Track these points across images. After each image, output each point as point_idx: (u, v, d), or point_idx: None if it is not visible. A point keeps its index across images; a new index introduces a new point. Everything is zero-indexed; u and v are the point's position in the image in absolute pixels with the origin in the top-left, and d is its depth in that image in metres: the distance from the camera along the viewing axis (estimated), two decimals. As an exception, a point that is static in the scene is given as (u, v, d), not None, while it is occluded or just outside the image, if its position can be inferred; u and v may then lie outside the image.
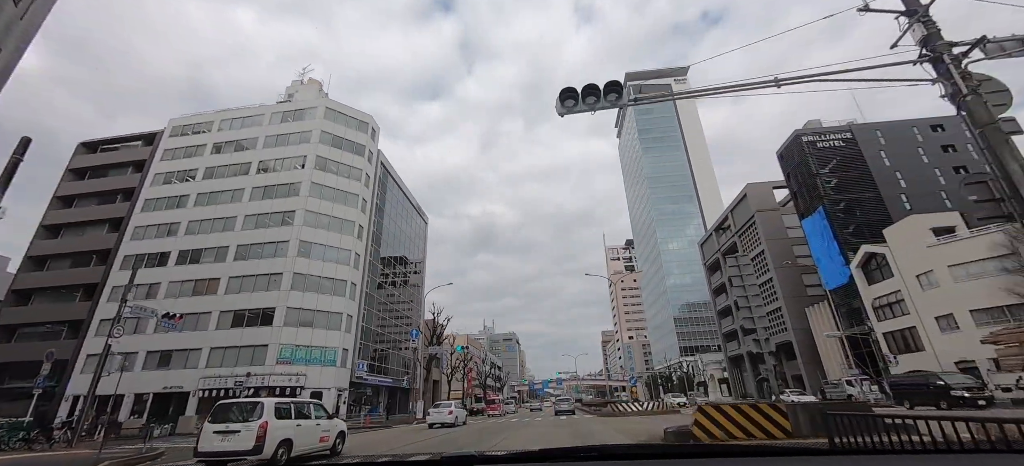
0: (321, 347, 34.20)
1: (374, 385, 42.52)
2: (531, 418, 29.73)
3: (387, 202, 50.00)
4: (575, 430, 17.44)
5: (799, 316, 51.42)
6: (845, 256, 42.55)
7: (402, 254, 53.03)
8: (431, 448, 13.24)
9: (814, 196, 46.75)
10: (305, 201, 37.87)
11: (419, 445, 15.09)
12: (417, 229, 60.04)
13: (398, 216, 52.86)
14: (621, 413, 24.00)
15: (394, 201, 52.02)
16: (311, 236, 36.99)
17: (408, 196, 57.21)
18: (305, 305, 34.66)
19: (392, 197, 51.63)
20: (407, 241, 55.23)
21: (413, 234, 58.09)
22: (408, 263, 55.05)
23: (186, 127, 44.83)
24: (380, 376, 43.16)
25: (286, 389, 31.68)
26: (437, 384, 64.01)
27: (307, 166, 39.60)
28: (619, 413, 24.35)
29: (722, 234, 70.84)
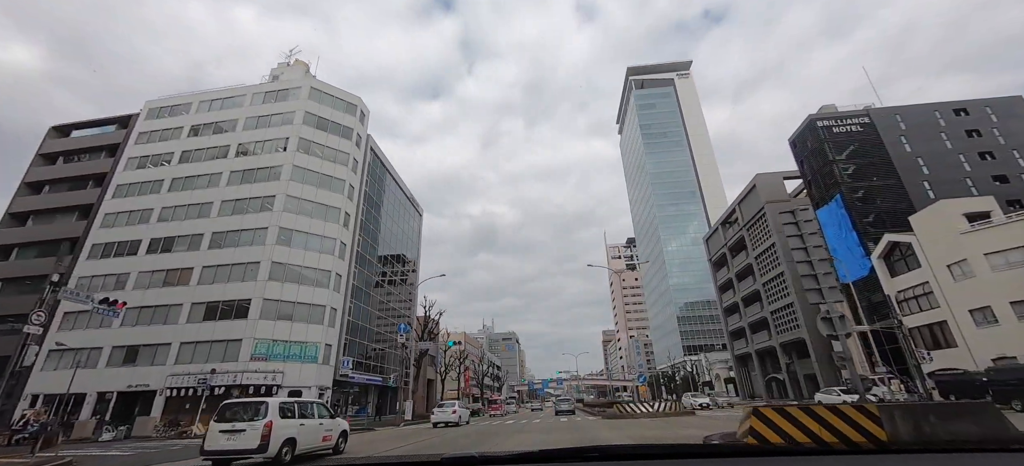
0: (301, 342, 31.50)
1: (362, 384, 39.85)
2: (528, 421, 27.06)
3: (377, 191, 47.32)
4: (581, 437, 15.03)
5: (812, 313, 48.59)
6: (865, 247, 39.88)
7: (394, 246, 50.35)
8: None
9: (830, 184, 44.08)
10: (286, 186, 35.19)
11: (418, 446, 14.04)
12: (411, 221, 57.36)
13: (390, 206, 50.19)
14: (629, 415, 21.34)
15: (385, 190, 49.33)
16: (292, 223, 34.31)
17: (401, 186, 54.52)
18: (284, 297, 31.97)
19: (383, 186, 48.93)
20: (400, 233, 52.56)
21: (406, 226, 55.41)
22: (401, 256, 52.35)
23: (163, 109, 42.17)
24: (369, 374, 40.49)
25: (261, 388, 29.01)
26: (432, 383, 61.33)
27: (289, 149, 36.93)
28: (626, 415, 21.68)
29: (728, 228, 68.18)
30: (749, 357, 64.02)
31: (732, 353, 68.52)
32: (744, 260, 61.99)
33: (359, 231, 41.11)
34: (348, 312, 37.63)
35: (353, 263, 39.01)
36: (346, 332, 37.14)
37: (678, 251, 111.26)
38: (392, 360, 43.94)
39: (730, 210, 65.36)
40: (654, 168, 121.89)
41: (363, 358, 40.37)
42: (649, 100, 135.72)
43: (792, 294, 50.35)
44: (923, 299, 33.86)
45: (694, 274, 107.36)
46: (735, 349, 67.29)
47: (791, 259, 51.43)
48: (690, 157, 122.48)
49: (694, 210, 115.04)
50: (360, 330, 39.94)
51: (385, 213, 48.48)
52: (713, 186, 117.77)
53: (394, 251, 50.62)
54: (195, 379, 28.37)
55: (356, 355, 38.68)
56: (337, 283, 35.35)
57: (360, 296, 40.61)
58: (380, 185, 47.90)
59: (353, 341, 38.23)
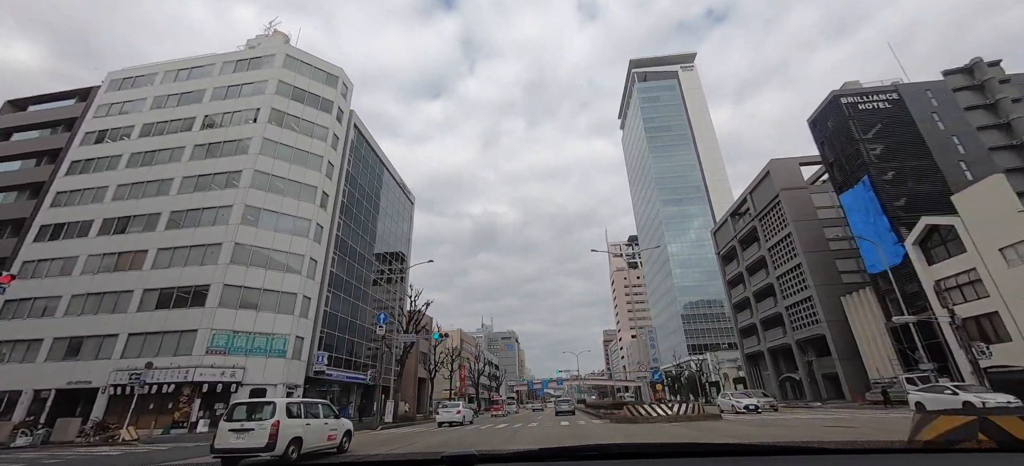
0: (266, 334, 27.81)
1: (343, 382, 36.14)
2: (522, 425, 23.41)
3: (363, 174, 43.59)
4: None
5: (833, 307, 44.91)
6: (897, 233, 36.16)
7: (381, 234, 46.61)
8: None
9: (855, 166, 40.33)
10: (255, 160, 31.50)
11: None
12: (401, 209, 53.64)
13: (376, 190, 46.45)
14: (643, 418, 17.62)
15: (371, 173, 45.63)
16: (260, 201, 30.62)
17: (390, 169, 50.80)
18: (249, 282, 28.28)
19: (369, 168, 45.22)
20: (388, 220, 48.84)
21: (396, 214, 51.69)
22: (389, 244, 48.56)
23: (125, 80, 38.49)
24: (352, 372, 36.76)
25: (217, 385, 25.31)
26: (423, 382, 57.60)
27: (260, 120, 33.24)
28: (639, 418, 17.95)
29: (738, 220, 64.51)
30: (761, 355, 60.31)
31: (742, 351, 64.74)
32: (756, 253, 58.27)
33: (340, 214, 37.42)
34: (326, 302, 33.93)
35: (332, 248, 35.33)
36: (323, 324, 33.46)
37: (682, 247, 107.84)
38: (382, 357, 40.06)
39: (741, 199, 61.63)
40: (657, 162, 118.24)
41: (347, 354, 36.68)
42: (652, 93, 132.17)
43: (810, 287, 46.64)
44: (968, 288, 30.16)
45: (699, 271, 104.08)
46: (745, 347, 63.52)
47: (810, 249, 47.86)
48: (694, 151, 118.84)
49: (699, 205, 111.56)
50: (341, 323, 36.23)
51: (371, 197, 44.75)
52: (718, 181, 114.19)
53: (381, 239, 46.89)
54: (127, 375, 24.66)
55: (336, 350, 34.98)
56: (312, 269, 31.65)
57: (340, 285, 36.91)
58: (366, 167, 44.18)
59: (331, 334, 34.53)
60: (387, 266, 47.54)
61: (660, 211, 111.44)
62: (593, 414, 26.98)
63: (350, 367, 37.04)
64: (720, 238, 70.18)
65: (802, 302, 48.77)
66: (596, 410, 28.80)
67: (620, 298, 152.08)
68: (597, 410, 28.48)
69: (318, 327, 32.11)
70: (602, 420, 21.84)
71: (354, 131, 41.41)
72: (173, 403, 24.79)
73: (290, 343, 28.53)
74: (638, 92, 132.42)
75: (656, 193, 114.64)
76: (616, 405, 27.90)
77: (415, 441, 16.48)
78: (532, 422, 24.92)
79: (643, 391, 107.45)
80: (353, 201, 40.28)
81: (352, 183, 40.49)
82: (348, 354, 37.20)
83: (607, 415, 22.56)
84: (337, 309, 35.92)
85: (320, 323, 32.58)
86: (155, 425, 24.46)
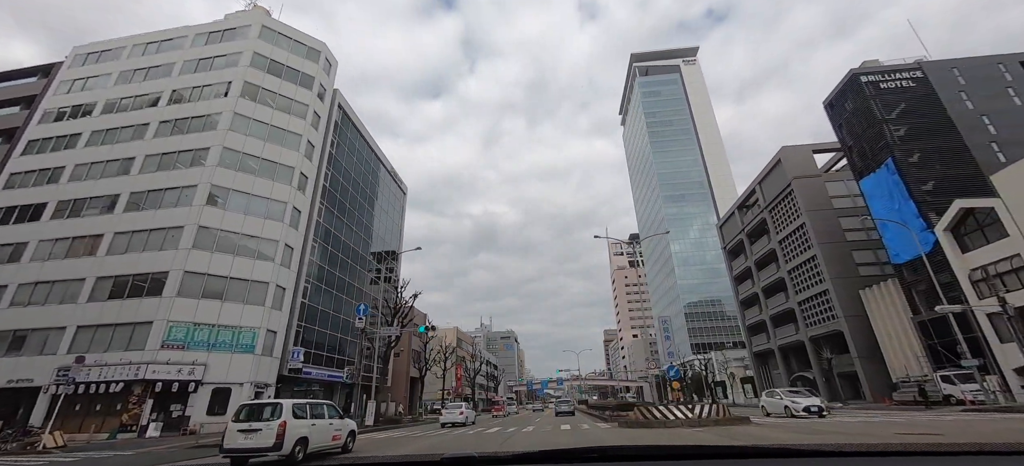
0: (232, 327, 24.94)
1: (325, 381, 33.26)
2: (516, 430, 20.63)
3: (350, 158, 40.74)
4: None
5: (850, 301, 42.05)
6: (926, 219, 33.33)
7: (369, 223, 43.74)
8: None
9: (878, 149, 37.51)
10: (224, 136, 28.64)
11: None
12: (392, 198, 50.79)
13: (365, 176, 43.58)
14: (658, 421, 14.74)
15: (359, 157, 42.78)
16: (229, 180, 27.77)
17: (380, 156, 47.95)
18: (213, 270, 25.42)
19: (356, 152, 42.36)
20: (377, 210, 45.99)
21: (387, 204, 48.85)
22: (377, 234, 45.64)
23: (91, 55, 35.65)
24: (334, 370, 33.89)
25: (173, 384, 22.43)
26: (415, 381, 54.72)
27: (231, 94, 30.40)
28: (652, 421, 15.07)
29: (746, 212, 61.68)
30: (770, 354, 57.47)
31: (750, 350, 61.87)
32: (766, 246, 55.42)
33: (323, 199, 34.58)
34: (304, 294, 31.07)
35: (312, 235, 32.49)
36: (301, 318, 30.60)
37: (685, 245, 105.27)
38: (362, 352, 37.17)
39: (749, 190, 58.77)
40: (659, 158, 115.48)
41: (328, 351, 33.80)
42: (654, 88, 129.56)
43: (826, 280, 43.79)
44: (1010, 277, 27.31)
45: (701, 269, 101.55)
46: (754, 345, 60.64)
47: (825, 240, 45.03)
48: (697, 145, 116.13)
49: (702, 201, 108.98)
50: (322, 317, 33.36)
51: (358, 184, 41.88)
52: (722, 175, 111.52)
53: (368, 229, 44.02)
54: (91, 371, 21.79)
55: (316, 346, 32.10)
56: (287, 256, 28.80)
57: (322, 276, 34.05)
58: (352, 151, 41.33)
59: (310, 329, 31.66)
60: (373, 256, 44.64)
61: (662, 209, 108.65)
62: (597, 416, 24.01)
63: (333, 365, 34.15)
64: (726, 232, 67.38)
65: (816, 297, 45.94)
66: (600, 411, 25.80)
67: (621, 297, 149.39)
68: (601, 411, 25.51)
69: (294, 320, 29.24)
70: (608, 423, 18.98)
71: (339, 112, 38.59)
72: (122, 404, 21.91)
73: (260, 337, 25.65)
74: (639, 86, 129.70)
75: (658, 189, 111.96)
76: (623, 406, 24.94)
77: (381, 448, 13.69)
78: (528, 426, 22.07)
79: (645, 391, 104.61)
80: (337, 186, 37.42)
81: (336, 167, 37.65)
82: (330, 351, 34.33)
83: (614, 417, 19.65)
84: (318, 302, 33.07)
85: (297, 316, 29.71)
86: (102, 428, 21.59)
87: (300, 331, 30.16)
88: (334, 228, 36.70)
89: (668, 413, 15.11)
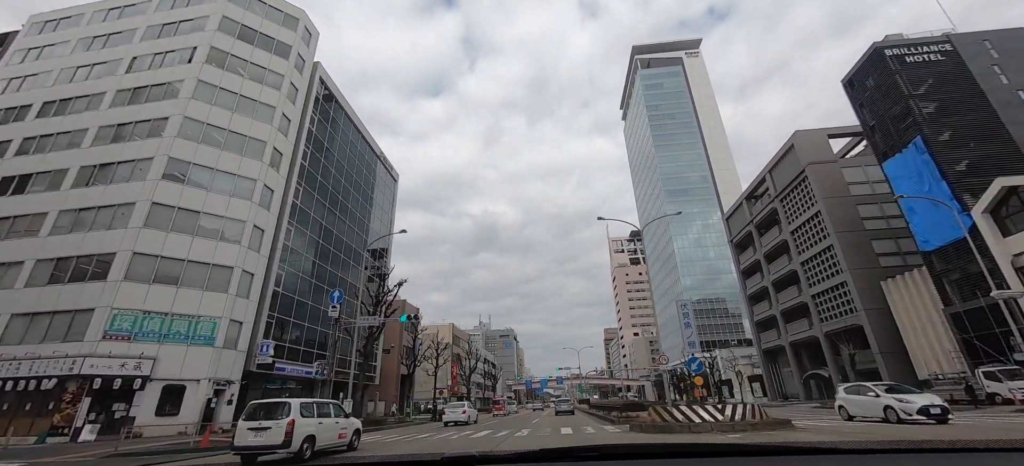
0: (189, 316, 22.06)
1: (301, 378, 30.35)
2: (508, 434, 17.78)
3: (334, 140, 37.81)
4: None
5: (871, 293, 39.22)
6: (960, 201, 30.46)
7: (356, 210, 40.84)
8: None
9: (904, 127, 34.64)
10: (186, 105, 25.72)
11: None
12: (382, 187, 47.86)
13: (351, 159, 40.65)
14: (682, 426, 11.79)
15: (344, 138, 39.83)
16: (190, 153, 24.86)
17: (368, 139, 45.01)
18: (168, 252, 22.53)
19: (341, 132, 39.42)
20: (364, 195, 43.05)
21: (375, 191, 45.91)
22: (363, 222, 42.69)
23: (49, 23, 32.69)
24: (313, 366, 30.98)
25: (115, 380, 19.51)
26: (406, 379, 51.85)
27: (196, 59, 27.48)
28: (675, 425, 12.13)
29: (755, 202, 58.87)
30: (780, 350, 54.70)
31: (759, 347, 59.01)
32: (776, 237, 52.57)
33: (301, 180, 31.68)
34: (278, 281, 28.18)
35: (288, 218, 29.58)
36: (275, 308, 27.71)
37: (687, 242, 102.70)
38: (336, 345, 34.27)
39: (759, 179, 55.87)
40: (662, 151, 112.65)
41: (306, 345, 30.92)
42: (656, 80, 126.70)
43: (844, 271, 40.95)
44: (1062, 262, 24.44)
45: (704, 264, 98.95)
46: (763, 342, 57.79)
47: (842, 229, 42.15)
48: (701, 139, 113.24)
49: (703, 199, 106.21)
50: (299, 308, 30.48)
51: (343, 166, 38.95)
52: (726, 170, 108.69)
53: (355, 216, 41.08)
54: (21, 366, 18.86)
55: (291, 340, 29.21)
56: (256, 239, 25.88)
57: (301, 263, 31.16)
58: (336, 131, 38.40)
59: (285, 320, 28.77)
60: (361, 244, 41.69)
61: (665, 203, 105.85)
62: (602, 417, 21.00)
63: (311, 360, 31.23)
64: (733, 224, 64.53)
65: (833, 290, 43.09)
66: (605, 412, 22.77)
67: (622, 295, 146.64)
68: (606, 412, 22.48)
69: (265, 310, 26.34)
70: (617, 425, 16.10)
71: (321, 88, 35.65)
72: (56, 403, 19.03)
73: (221, 328, 22.75)
74: (641, 79, 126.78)
75: (661, 183, 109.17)
76: (631, 405, 22.05)
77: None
78: (523, 430, 19.18)
79: (647, 390, 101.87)
80: (318, 167, 34.49)
81: (318, 147, 34.73)
82: (309, 345, 31.44)
83: (623, 419, 16.73)
84: (295, 291, 30.16)
85: (268, 306, 26.80)
86: (31, 430, 18.68)
87: (272, 323, 27.27)
88: (315, 213, 33.79)
89: (692, 415, 12.22)
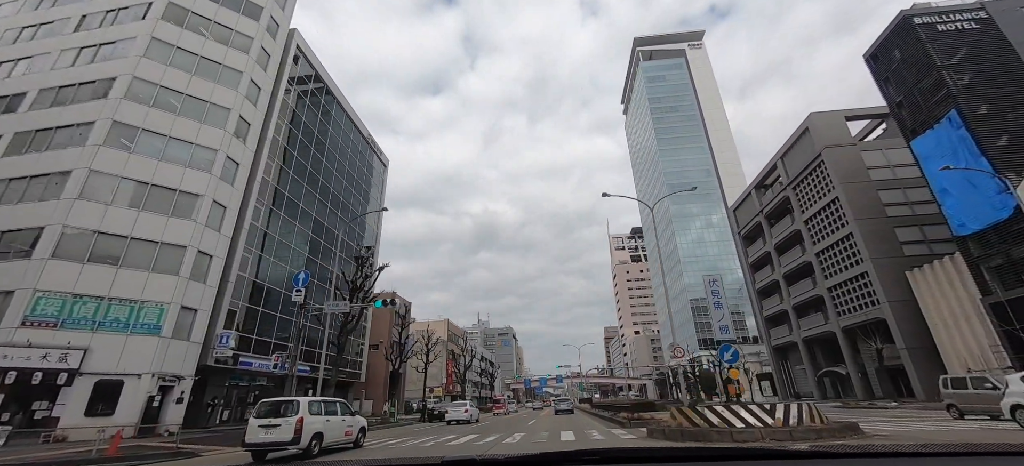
0: (131, 300, 19.12)
1: (272, 375, 27.35)
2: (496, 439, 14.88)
3: (313, 115, 34.81)
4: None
5: (894, 284, 36.30)
6: (1004, 179, 27.51)
7: (338, 194, 37.83)
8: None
9: (936, 102, 31.73)
10: (136, 63, 22.75)
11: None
12: (369, 169, 44.85)
13: (333, 137, 37.65)
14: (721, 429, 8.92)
15: (327, 116, 36.81)
16: (139, 117, 21.90)
17: (355, 120, 42.01)
18: (107, 227, 19.58)
19: (322, 107, 36.39)
20: (349, 178, 40.06)
21: (362, 176, 42.92)
22: (347, 207, 39.66)
23: (-3, -17, 29.66)
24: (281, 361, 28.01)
25: (34, 373, 16.52)
26: (397, 377, 48.85)
27: (150, 15, 24.50)
28: (710, 429, 9.21)
29: (764, 192, 56.00)
30: (792, 347, 51.85)
31: (768, 343, 56.09)
32: (789, 227, 49.63)
33: (275, 156, 28.69)
34: (246, 266, 25.20)
35: (258, 196, 26.59)
36: (242, 296, 24.75)
37: (689, 237, 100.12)
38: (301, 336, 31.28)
39: (769, 166, 52.91)
40: (664, 145, 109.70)
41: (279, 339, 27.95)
42: (658, 72, 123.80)
43: (865, 260, 38.02)
44: None
45: (707, 263, 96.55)
46: (773, 338, 54.86)
47: (863, 215, 39.18)
48: (704, 132, 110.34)
49: (709, 190, 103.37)
50: (272, 297, 27.52)
51: (323, 145, 35.94)
52: (730, 163, 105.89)
53: (338, 199, 38.07)
54: None
55: (261, 333, 26.21)
56: (216, 216, 22.91)
57: (274, 248, 28.20)
58: (317, 105, 35.40)
59: (255, 310, 25.79)
60: (341, 229, 38.65)
61: (668, 204, 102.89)
62: (608, 418, 17.83)
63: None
64: (741, 215, 61.60)
65: (852, 281, 40.15)
66: (611, 412, 19.57)
67: (623, 292, 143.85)
68: (612, 412, 19.31)
69: (227, 298, 23.36)
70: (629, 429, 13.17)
71: (301, 59, 32.64)
72: (-38, 401, 16.08)
73: (170, 315, 19.78)
74: (643, 71, 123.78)
75: (663, 177, 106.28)
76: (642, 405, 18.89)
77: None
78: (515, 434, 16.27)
79: (649, 389, 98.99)
80: (295, 144, 31.50)
81: (296, 124, 31.75)
82: (282, 338, 28.44)
83: (636, 421, 13.72)
84: (267, 277, 27.18)
85: (232, 293, 23.82)
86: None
87: (237, 312, 24.29)
88: (292, 193, 30.82)
89: (731, 417, 9.28)
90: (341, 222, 37.58)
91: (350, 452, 11.96)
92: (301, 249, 31.41)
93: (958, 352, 31.57)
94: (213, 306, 22.32)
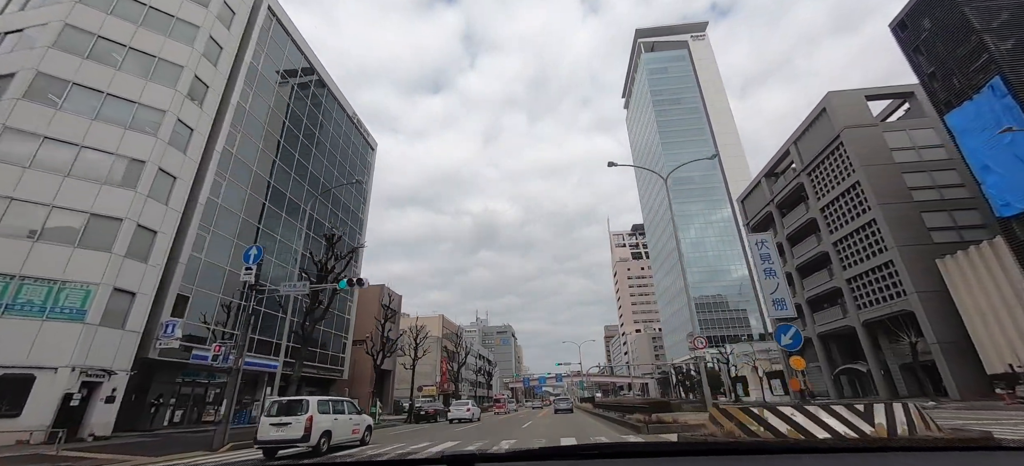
0: (49, 280, 16.10)
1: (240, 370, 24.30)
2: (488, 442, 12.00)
3: (285, 85, 31.73)
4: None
5: (923, 274, 33.32)
6: (1056, 150, 24.60)
7: (317, 173, 34.74)
8: None
9: (972, 71, 28.77)
10: (69, 9, 19.65)
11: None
12: (353, 150, 41.74)
13: (313, 115, 34.58)
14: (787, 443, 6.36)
15: (306, 91, 33.76)
16: (69, 70, 18.84)
17: (337, 94, 38.90)
18: (22, 193, 16.52)
19: (300, 80, 33.33)
20: (330, 157, 36.96)
21: (345, 157, 39.82)
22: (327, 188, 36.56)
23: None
24: (255, 355, 24.95)
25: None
26: (386, 376, 45.83)
27: (90, -43, 21.42)
28: (774, 442, 6.37)
29: (775, 180, 53.10)
30: (807, 344, 48.73)
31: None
32: (803, 215, 46.69)
33: (240, 125, 25.60)
34: (199, 245, 22.11)
35: (218, 167, 23.52)
36: (197, 280, 21.69)
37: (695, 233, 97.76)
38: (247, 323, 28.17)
39: (782, 152, 49.96)
40: (667, 139, 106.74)
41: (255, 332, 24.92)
42: (661, 64, 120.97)
43: (890, 248, 35.05)
44: None
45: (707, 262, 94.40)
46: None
47: (887, 200, 36.17)
48: (708, 125, 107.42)
49: (714, 184, 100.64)
50: (231, 282, 24.40)
51: (300, 119, 32.85)
52: (734, 157, 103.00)
53: (317, 180, 34.97)
54: None
55: (219, 322, 23.13)
56: (163, 188, 19.86)
57: (240, 228, 25.12)
58: (293, 76, 32.29)
59: (211, 296, 22.71)
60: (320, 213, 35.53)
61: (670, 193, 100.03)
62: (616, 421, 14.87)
63: (251, 349, 25.18)
64: (749, 206, 58.70)
65: (874, 271, 37.16)
66: (620, 413, 16.50)
67: (623, 290, 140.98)
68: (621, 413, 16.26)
69: (176, 281, 20.31)
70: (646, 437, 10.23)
71: (272, 21, 29.55)
72: None
73: (98, 298, 16.72)
74: (645, 63, 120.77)
75: (666, 173, 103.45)
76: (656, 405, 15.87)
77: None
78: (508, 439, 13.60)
79: (651, 388, 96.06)
80: (264, 112, 28.34)
81: (266, 89, 28.64)
82: (252, 330, 25.39)
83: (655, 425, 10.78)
84: (226, 261, 24.08)
85: (183, 276, 20.77)
86: None
87: (190, 298, 21.24)
88: (260, 169, 27.75)
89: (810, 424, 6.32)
90: (321, 203, 34.51)
91: (356, 449, 12.48)
92: (271, 230, 28.33)
93: (998, 346, 28.58)
94: (155, 290, 19.27)
